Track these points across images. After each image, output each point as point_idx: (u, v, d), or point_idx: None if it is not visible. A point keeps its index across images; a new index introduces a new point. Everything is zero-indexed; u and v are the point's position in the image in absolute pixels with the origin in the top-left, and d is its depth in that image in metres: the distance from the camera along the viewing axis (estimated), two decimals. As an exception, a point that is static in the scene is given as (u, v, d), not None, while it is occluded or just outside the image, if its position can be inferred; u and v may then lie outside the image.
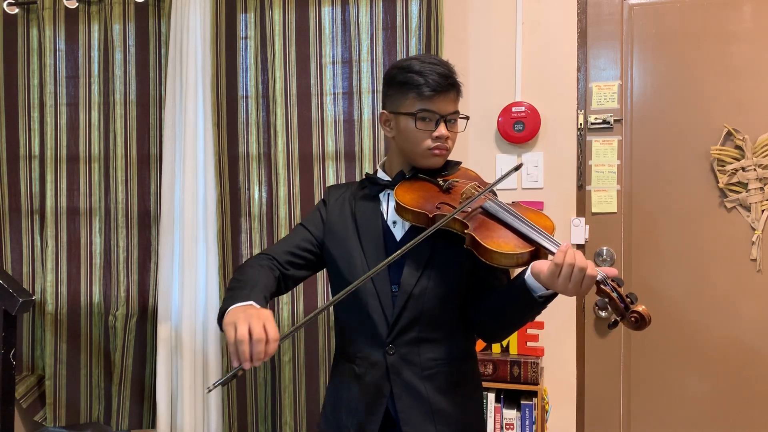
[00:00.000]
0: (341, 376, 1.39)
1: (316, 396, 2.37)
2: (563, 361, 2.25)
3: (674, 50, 2.22)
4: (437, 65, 1.32)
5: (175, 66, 2.42)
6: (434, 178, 1.36)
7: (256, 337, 1.06)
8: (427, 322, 1.31)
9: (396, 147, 1.40)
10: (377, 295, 1.32)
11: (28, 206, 2.67)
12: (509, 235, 1.21)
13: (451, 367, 1.33)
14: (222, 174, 2.41)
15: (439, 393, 1.30)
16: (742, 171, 2.14)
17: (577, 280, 1.08)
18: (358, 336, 1.35)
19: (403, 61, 1.36)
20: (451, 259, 1.32)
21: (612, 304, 1.11)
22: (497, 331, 1.35)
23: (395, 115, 1.35)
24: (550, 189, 2.27)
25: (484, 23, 2.33)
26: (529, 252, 1.17)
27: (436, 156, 1.34)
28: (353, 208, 1.41)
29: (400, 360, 1.30)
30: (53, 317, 2.58)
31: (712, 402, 2.18)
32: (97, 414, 2.59)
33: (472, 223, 1.23)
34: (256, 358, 1.07)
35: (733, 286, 2.16)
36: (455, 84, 1.33)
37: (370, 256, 1.33)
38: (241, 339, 1.06)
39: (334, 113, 2.36)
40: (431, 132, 1.31)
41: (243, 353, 1.06)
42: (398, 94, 1.34)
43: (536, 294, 1.17)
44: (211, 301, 2.42)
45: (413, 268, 1.31)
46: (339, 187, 1.51)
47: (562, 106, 2.27)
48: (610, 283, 1.11)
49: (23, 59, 2.66)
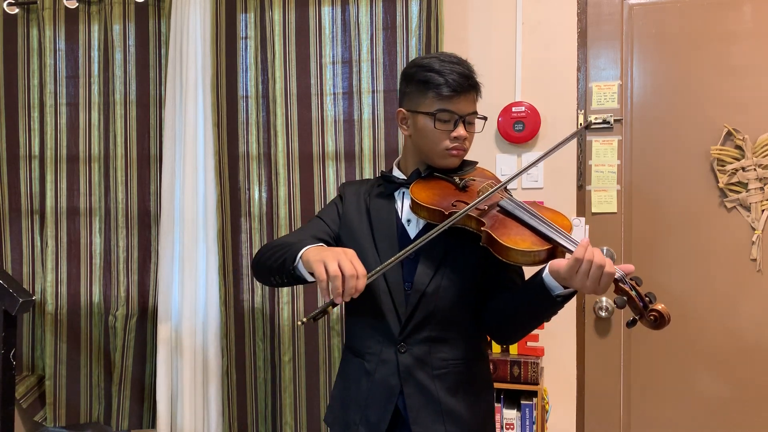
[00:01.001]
0: (350, 371, 1.38)
1: (316, 396, 2.37)
2: (563, 361, 2.25)
3: (674, 50, 2.22)
4: (457, 64, 1.31)
5: (175, 66, 2.42)
6: (450, 177, 1.35)
7: (348, 273, 1.10)
8: (440, 322, 1.31)
9: (412, 145, 1.39)
10: (390, 293, 1.31)
11: (28, 206, 2.67)
12: (526, 232, 1.20)
13: (463, 367, 1.32)
14: (222, 174, 2.41)
15: (450, 393, 1.30)
16: (742, 171, 2.14)
17: (595, 276, 1.07)
18: (369, 332, 1.34)
19: (422, 59, 1.34)
20: (466, 259, 1.31)
21: (631, 302, 1.10)
22: (511, 332, 1.34)
23: (413, 114, 1.34)
24: (550, 189, 2.27)
25: (484, 23, 2.33)
26: (546, 250, 1.16)
27: (454, 156, 1.33)
28: (368, 205, 1.40)
29: (412, 359, 1.30)
30: (53, 317, 2.58)
31: (712, 401, 2.18)
32: (97, 414, 2.59)
33: (489, 220, 1.23)
34: (347, 293, 1.10)
35: (733, 286, 2.16)
36: (475, 85, 1.33)
37: (384, 254, 1.32)
38: (335, 275, 1.10)
39: (334, 113, 2.36)
40: (450, 132, 1.30)
41: (336, 288, 1.10)
42: (417, 93, 1.32)
43: (554, 293, 1.15)
44: (211, 301, 2.42)
45: (427, 266, 1.30)
46: (354, 183, 1.51)
47: (562, 106, 2.27)
48: (629, 282, 1.10)
49: (23, 59, 2.66)
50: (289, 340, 2.36)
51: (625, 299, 1.10)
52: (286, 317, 2.37)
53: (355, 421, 1.33)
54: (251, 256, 2.42)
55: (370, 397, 1.32)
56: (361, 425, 1.32)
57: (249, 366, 2.43)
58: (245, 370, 2.43)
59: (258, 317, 2.42)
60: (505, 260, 1.17)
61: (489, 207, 1.26)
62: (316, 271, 1.12)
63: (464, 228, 1.25)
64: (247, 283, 2.44)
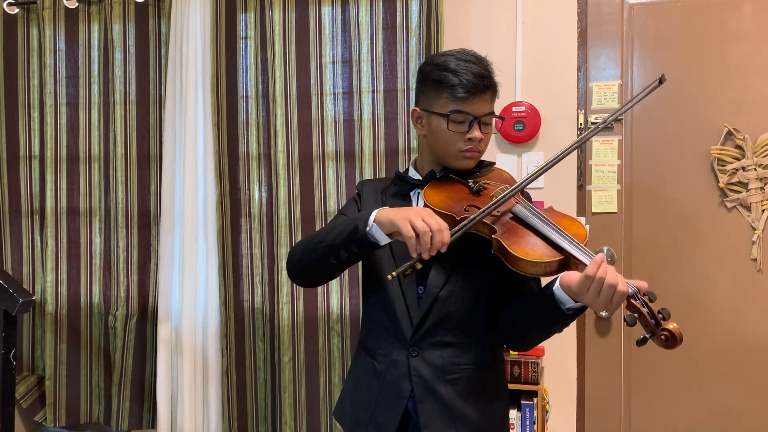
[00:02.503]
0: (362, 370, 1.37)
1: (316, 396, 2.37)
2: (563, 361, 2.25)
3: (674, 50, 2.21)
4: (474, 63, 1.27)
5: (175, 66, 2.42)
6: (465, 179, 1.32)
7: (436, 227, 1.10)
8: (452, 326, 1.29)
9: (427, 145, 1.36)
10: (403, 296, 1.30)
11: (28, 206, 2.67)
12: (538, 242, 1.16)
13: (476, 372, 1.30)
14: (222, 174, 2.41)
15: (462, 398, 1.28)
16: (743, 171, 2.14)
17: (606, 296, 1.03)
18: (382, 333, 1.33)
19: (438, 57, 1.31)
20: (479, 263, 1.28)
21: (642, 320, 1.04)
22: (523, 339, 1.31)
23: (428, 114, 1.32)
24: (550, 189, 2.27)
25: (484, 23, 2.33)
26: (558, 261, 1.12)
27: (468, 158, 1.31)
28: (384, 203, 1.38)
29: (423, 362, 1.28)
30: (53, 317, 2.58)
31: (712, 401, 2.18)
32: (97, 414, 2.59)
33: (500, 228, 1.19)
34: (435, 247, 1.10)
35: (733, 286, 2.16)
36: (491, 85, 1.29)
37: (398, 255, 1.30)
38: (424, 230, 1.10)
39: (334, 113, 2.36)
40: (464, 134, 1.27)
41: (426, 243, 1.10)
42: (431, 93, 1.30)
43: (565, 306, 1.12)
44: (211, 301, 2.42)
45: (440, 270, 1.29)
46: (372, 181, 1.50)
47: (562, 106, 2.27)
48: (641, 298, 1.05)
49: (23, 59, 2.66)
50: (289, 341, 2.36)
51: (636, 316, 1.04)
52: (286, 317, 2.36)
53: (364, 421, 1.32)
54: (251, 256, 2.42)
55: (380, 398, 1.31)
56: (371, 426, 1.31)
57: (249, 366, 2.42)
58: (245, 370, 2.43)
59: (258, 317, 2.42)
60: (515, 270, 1.14)
61: (502, 213, 1.23)
62: (402, 228, 1.11)
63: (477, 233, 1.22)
64: (247, 283, 2.44)
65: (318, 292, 2.37)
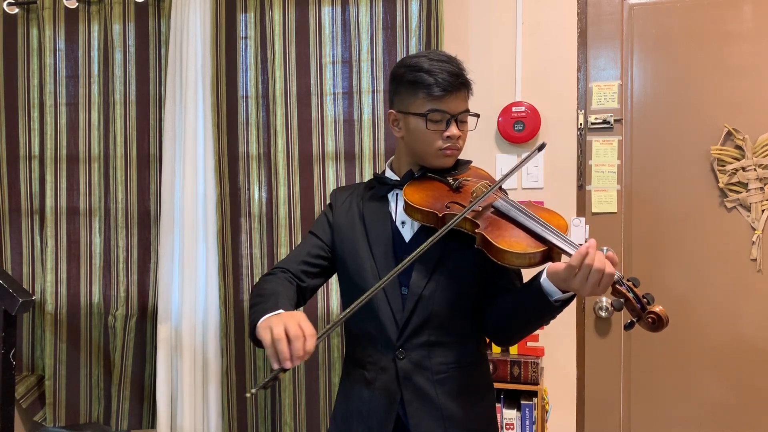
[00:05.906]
0: (351, 381, 1.37)
1: (316, 396, 2.37)
2: (563, 361, 2.25)
3: (674, 50, 2.22)
4: (447, 63, 1.28)
5: (175, 66, 2.42)
6: (444, 177, 1.34)
7: (293, 334, 1.05)
8: (438, 326, 1.29)
9: (405, 146, 1.37)
10: (386, 298, 1.29)
11: (28, 206, 2.67)
12: (521, 234, 1.17)
13: (463, 371, 1.30)
14: (222, 174, 2.41)
15: (451, 398, 1.28)
16: (743, 171, 2.14)
17: (594, 280, 1.05)
18: (368, 340, 1.32)
19: (410, 59, 1.32)
20: (462, 261, 1.29)
21: (628, 304, 1.07)
22: (509, 335, 1.32)
23: (404, 115, 1.32)
24: (550, 189, 2.27)
25: (484, 23, 2.33)
26: (541, 252, 1.14)
27: (448, 156, 1.32)
28: (361, 209, 1.38)
29: (411, 364, 1.28)
30: (53, 317, 2.58)
31: (712, 401, 2.18)
32: (97, 414, 2.59)
33: (483, 222, 1.20)
34: (295, 356, 1.05)
35: (733, 286, 2.16)
36: (466, 82, 1.31)
37: (379, 258, 1.31)
38: (278, 338, 1.05)
39: (334, 113, 2.36)
40: (442, 132, 1.28)
41: (283, 352, 1.04)
42: (407, 94, 1.30)
43: (552, 298, 1.13)
44: (211, 301, 2.42)
45: (423, 269, 1.29)
46: (345, 189, 1.48)
47: (562, 106, 2.27)
48: (626, 283, 1.08)
49: (23, 59, 2.66)
50: (289, 340, 2.35)
51: (622, 301, 1.08)
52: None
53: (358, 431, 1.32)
54: (251, 257, 2.43)
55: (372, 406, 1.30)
56: None
57: (249, 366, 2.42)
58: (245, 370, 2.43)
59: (258, 317, 2.41)
60: (500, 263, 1.15)
61: (483, 208, 1.25)
62: (262, 338, 1.08)
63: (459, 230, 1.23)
64: (247, 283, 2.44)
65: (318, 293, 2.37)
